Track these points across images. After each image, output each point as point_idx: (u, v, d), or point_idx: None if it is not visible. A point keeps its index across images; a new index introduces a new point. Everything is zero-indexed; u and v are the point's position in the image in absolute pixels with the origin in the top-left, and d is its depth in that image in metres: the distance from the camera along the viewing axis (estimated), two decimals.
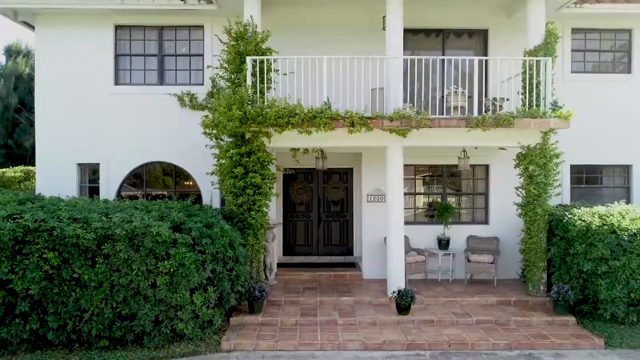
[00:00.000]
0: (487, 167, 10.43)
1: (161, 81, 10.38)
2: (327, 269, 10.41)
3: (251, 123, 7.91)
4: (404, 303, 7.94)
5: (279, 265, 10.74)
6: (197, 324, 6.99)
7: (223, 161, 8.54)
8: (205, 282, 7.06)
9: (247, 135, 8.44)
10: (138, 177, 10.55)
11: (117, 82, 10.34)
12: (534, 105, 8.43)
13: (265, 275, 9.61)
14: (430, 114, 8.36)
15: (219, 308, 7.36)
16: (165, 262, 6.66)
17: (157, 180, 10.70)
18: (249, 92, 8.12)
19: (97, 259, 6.58)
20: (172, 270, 6.67)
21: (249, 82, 8.20)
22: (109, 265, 6.61)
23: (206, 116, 8.34)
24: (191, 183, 10.58)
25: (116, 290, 6.64)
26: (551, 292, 8.12)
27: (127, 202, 8.05)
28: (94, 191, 10.36)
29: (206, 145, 8.53)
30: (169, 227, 6.89)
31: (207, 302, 7.03)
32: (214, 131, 8.33)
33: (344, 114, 8.07)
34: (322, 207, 11.60)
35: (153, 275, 6.71)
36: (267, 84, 8.46)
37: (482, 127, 8.19)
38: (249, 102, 8.01)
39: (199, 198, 10.31)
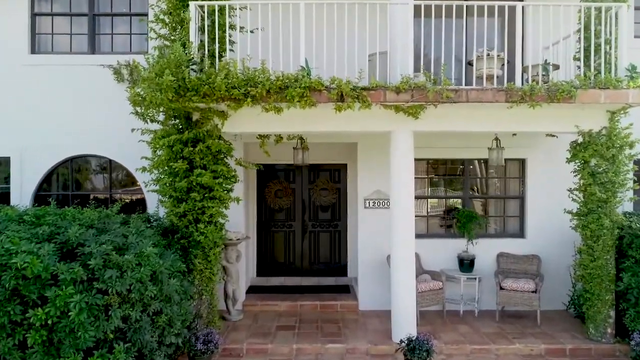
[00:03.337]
0: (523, 162, 7.91)
1: (93, 49, 7.86)
2: (313, 296, 7.91)
3: (192, 95, 5.41)
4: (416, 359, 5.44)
5: (251, 290, 8.26)
6: None
7: (161, 152, 6.08)
8: (111, 336, 4.58)
9: (195, 117, 5.99)
10: (62, 177, 8.03)
11: (34, 50, 7.83)
12: (602, 72, 5.90)
13: (227, 308, 7.15)
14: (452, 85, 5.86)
15: None
16: (39, 309, 4.18)
17: (88, 180, 8.16)
18: (195, 52, 5.67)
19: None
20: (50, 322, 4.19)
21: (193, 39, 5.72)
22: None
23: (131, 87, 5.80)
24: (136, 183, 8.08)
25: None
26: (631, 343, 5.62)
27: (16, 211, 5.57)
28: (5, 196, 7.87)
29: (132, 130, 5.99)
30: (54, 251, 4.43)
31: None
32: (145, 109, 5.83)
33: (329, 83, 5.57)
34: (307, 214, 9.09)
35: (21, 330, 4.22)
36: (222, 44, 5.97)
37: (530, 102, 5.67)
38: (191, 66, 5.53)
39: (141, 203, 7.85)
